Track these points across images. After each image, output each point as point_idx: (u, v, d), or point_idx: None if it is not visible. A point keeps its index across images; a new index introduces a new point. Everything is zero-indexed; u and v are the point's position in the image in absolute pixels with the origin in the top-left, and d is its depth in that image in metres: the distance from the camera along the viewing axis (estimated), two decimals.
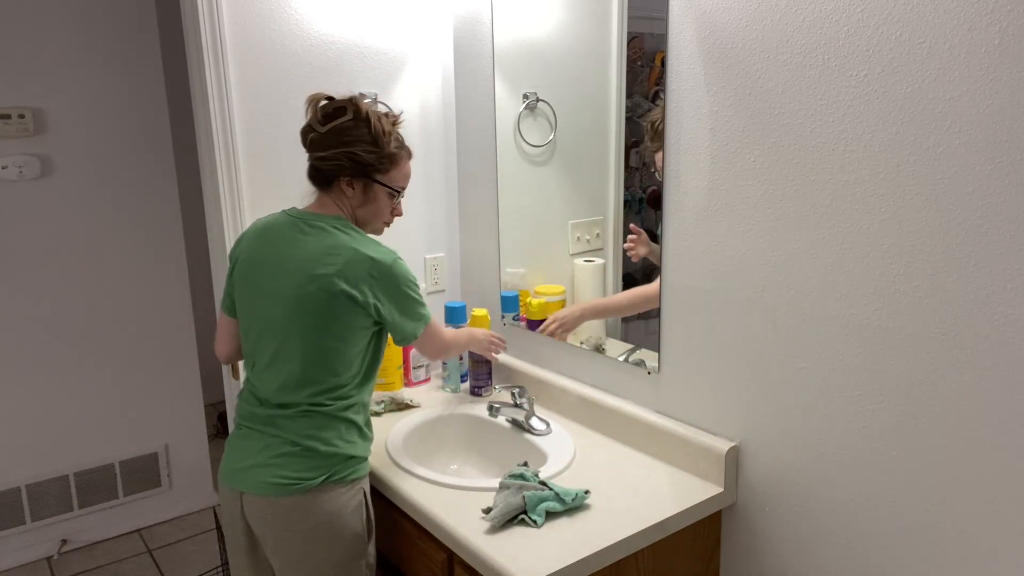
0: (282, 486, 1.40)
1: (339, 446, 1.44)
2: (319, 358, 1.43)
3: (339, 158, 1.45)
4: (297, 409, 1.44)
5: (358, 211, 1.51)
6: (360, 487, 1.48)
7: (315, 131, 1.45)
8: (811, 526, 1.37)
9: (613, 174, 1.66)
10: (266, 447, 1.44)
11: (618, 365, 1.72)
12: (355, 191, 1.49)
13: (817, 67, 1.23)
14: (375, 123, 1.46)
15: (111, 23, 2.65)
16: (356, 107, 1.46)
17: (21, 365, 2.67)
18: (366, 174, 1.48)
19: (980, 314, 1.09)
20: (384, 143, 1.47)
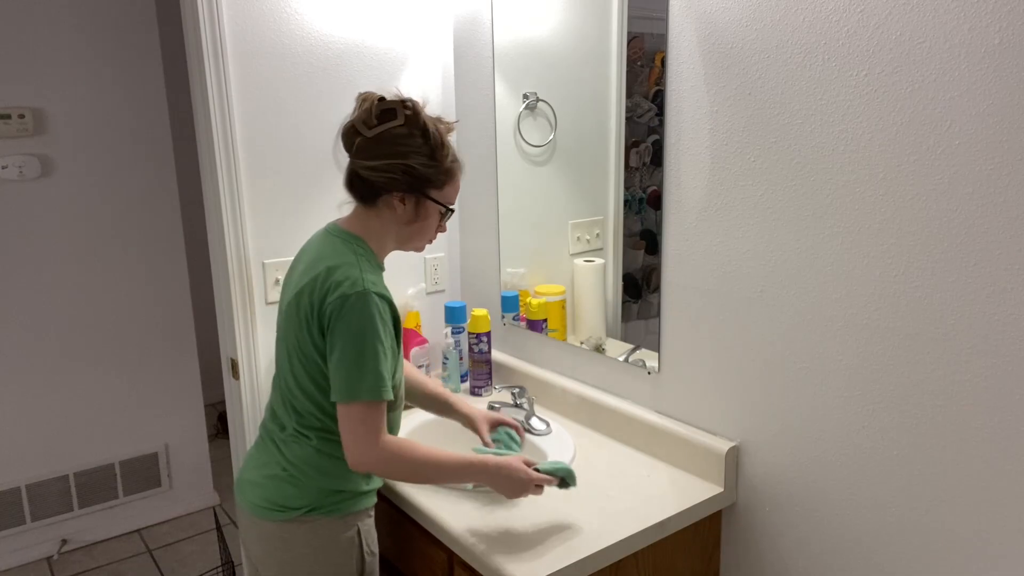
0: (266, 509, 1.34)
1: (322, 482, 1.33)
2: (297, 382, 1.33)
3: (393, 170, 1.29)
4: (290, 432, 1.36)
5: (404, 228, 1.36)
6: (354, 524, 1.37)
7: (362, 135, 1.29)
8: (811, 526, 1.37)
9: (613, 174, 1.66)
10: (263, 464, 1.38)
11: (618, 365, 1.72)
12: (406, 207, 1.33)
13: (817, 67, 1.23)
14: (433, 132, 1.30)
15: (111, 23, 2.65)
16: (412, 111, 1.30)
17: (21, 365, 2.67)
18: (421, 190, 1.32)
19: (980, 314, 1.09)
20: (442, 156, 1.32)
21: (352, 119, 1.31)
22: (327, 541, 1.34)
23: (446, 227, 1.44)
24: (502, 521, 1.37)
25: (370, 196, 1.34)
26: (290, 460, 1.34)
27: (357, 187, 1.35)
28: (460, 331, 2.00)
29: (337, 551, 1.35)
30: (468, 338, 1.99)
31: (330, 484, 1.34)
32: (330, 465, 1.34)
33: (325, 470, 1.34)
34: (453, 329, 1.99)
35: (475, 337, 1.98)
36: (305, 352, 1.31)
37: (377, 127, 1.28)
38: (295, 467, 1.34)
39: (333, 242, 1.34)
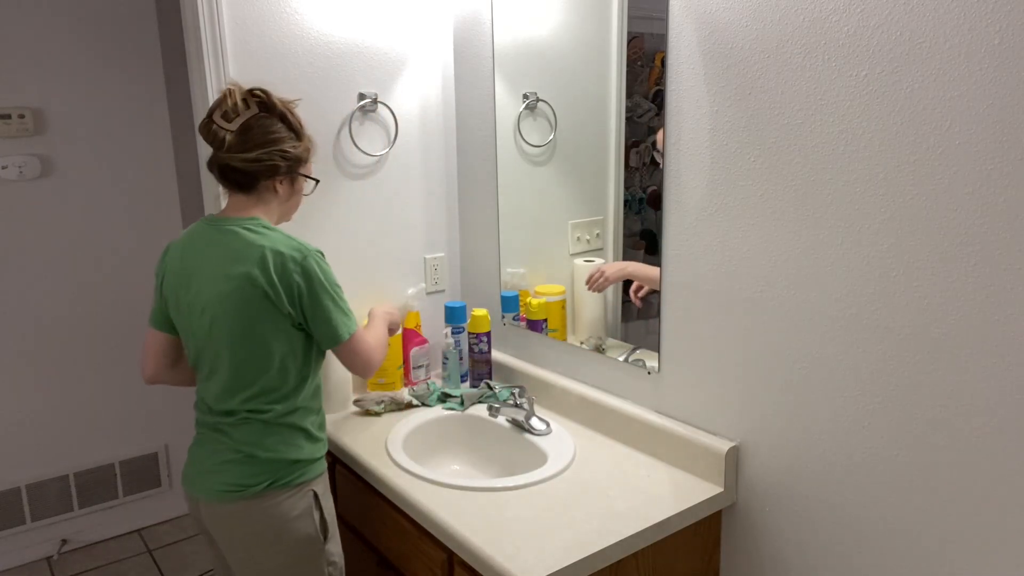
0: (226, 492, 1.41)
1: (280, 451, 1.43)
2: (246, 364, 1.40)
3: (271, 158, 1.40)
4: (237, 416, 1.43)
5: (283, 205, 1.49)
6: (308, 489, 1.46)
7: (227, 131, 1.37)
8: (811, 526, 1.37)
9: (613, 174, 1.66)
10: (213, 452, 1.44)
11: (618, 365, 1.72)
12: (283, 187, 1.46)
13: (817, 67, 1.23)
14: (290, 115, 1.43)
15: (111, 23, 2.65)
16: (266, 99, 1.40)
17: (21, 365, 2.67)
18: (294, 170, 1.46)
19: (980, 314, 1.09)
20: (303, 134, 1.45)
21: (208, 114, 1.39)
22: (287, 510, 1.43)
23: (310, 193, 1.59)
24: (502, 521, 1.37)
25: (248, 184, 1.43)
26: (242, 441, 1.42)
27: (232, 178, 1.43)
28: (460, 331, 2.00)
29: (298, 520, 1.44)
30: (468, 338, 1.99)
31: (287, 453, 1.43)
32: (287, 434, 1.44)
33: (283, 441, 1.43)
34: (453, 329, 1.99)
35: (475, 337, 1.98)
36: (257, 338, 1.39)
37: (236, 119, 1.37)
38: (249, 446, 1.42)
39: (244, 231, 1.41)
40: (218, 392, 1.44)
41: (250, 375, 1.41)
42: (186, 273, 1.44)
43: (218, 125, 1.38)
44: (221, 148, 1.39)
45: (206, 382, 1.46)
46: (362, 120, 1.95)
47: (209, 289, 1.40)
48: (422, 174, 2.08)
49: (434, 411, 1.86)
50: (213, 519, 1.44)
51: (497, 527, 1.35)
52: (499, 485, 1.48)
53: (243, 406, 1.42)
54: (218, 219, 1.45)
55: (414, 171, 2.06)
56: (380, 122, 1.98)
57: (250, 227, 1.41)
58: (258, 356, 1.40)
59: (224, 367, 1.42)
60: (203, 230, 1.45)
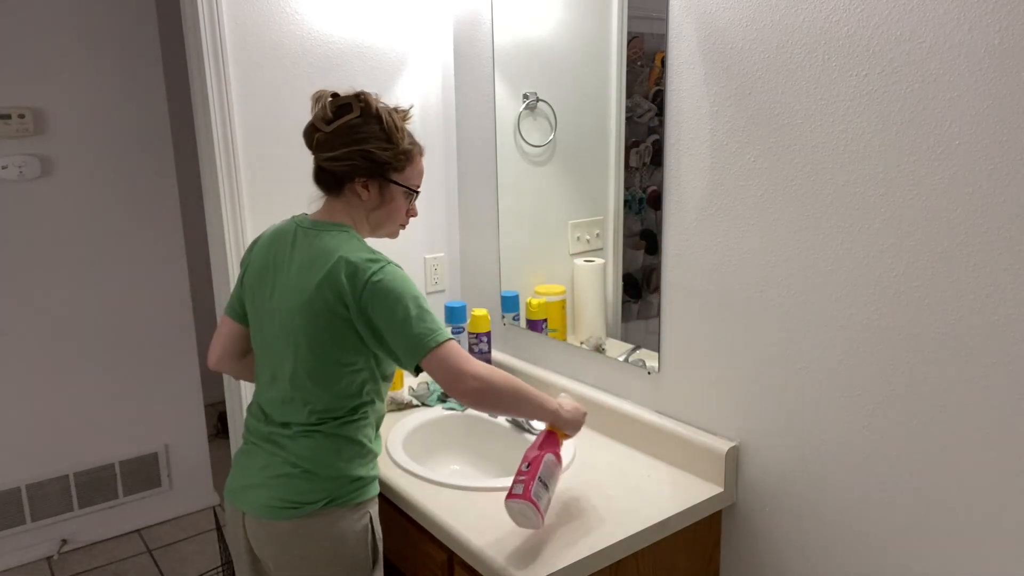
0: (280, 509, 1.33)
1: (342, 468, 1.36)
2: (314, 377, 1.34)
3: (352, 157, 1.35)
4: (298, 428, 1.36)
5: (372, 214, 1.42)
6: (366, 511, 1.39)
7: (320, 130, 1.35)
8: (811, 526, 1.37)
9: (613, 174, 1.67)
10: (267, 466, 1.37)
11: (618, 365, 1.72)
12: (371, 193, 1.39)
13: (817, 67, 1.23)
14: (387, 118, 1.36)
15: (111, 23, 2.65)
16: (365, 102, 1.36)
17: (21, 365, 2.67)
18: (382, 173, 1.38)
19: (980, 314, 1.09)
20: (398, 139, 1.38)
21: (311, 119, 1.37)
22: (344, 530, 1.35)
23: (416, 210, 1.48)
24: (502, 521, 1.37)
25: (335, 186, 1.39)
26: (301, 455, 1.35)
27: (322, 179, 1.40)
28: (460, 331, 2.00)
29: (354, 540, 1.37)
30: (468, 338, 1.99)
31: (349, 470, 1.36)
32: (350, 449, 1.37)
33: (344, 455, 1.36)
34: (453, 329, 1.99)
35: (475, 337, 1.98)
36: (325, 349, 1.33)
37: (334, 122, 1.34)
38: (308, 461, 1.35)
39: (328, 235, 1.36)
40: (278, 401, 1.39)
41: (315, 388, 1.35)
42: (267, 271, 1.40)
43: (316, 126, 1.36)
44: (313, 148, 1.38)
45: (266, 388, 1.41)
46: None
47: (285, 293, 1.36)
48: None
49: (434, 411, 1.86)
50: (261, 536, 1.36)
51: (497, 527, 1.35)
52: (499, 485, 1.48)
53: (303, 419, 1.36)
54: (308, 221, 1.40)
55: None
56: None
57: (333, 232, 1.36)
58: (326, 369, 1.34)
59: (287, 376, 1.36)
60: (290, 229, 1.41)
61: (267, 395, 1.42)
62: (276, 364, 1.39)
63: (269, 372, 1.41)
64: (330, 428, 1.36)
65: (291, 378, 1.36)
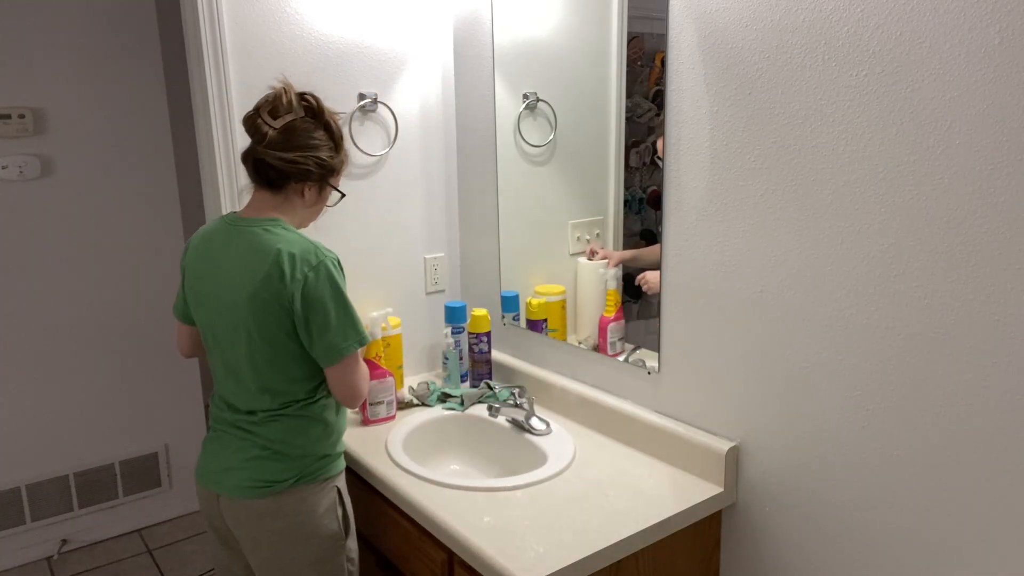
0: (255, 488, 1.41)
1: (309, 448, 1.44)
2: (268, 367, 1.41)
3: (307, 162, 1.40)
4: (264, 415, 1.43)
5: (307, 211, 1.48)
6: (333, 485, 1.49)
7: (270, 127, 1.38)
8: (811, 526, 1.37)
9: (613, 174, 1.66)
10: (238, 450, 1.44)
11: (618, 365, 1.72)
12: (310, 194, 1.45)
13: (817, 67, 1.23)
14: (335, 126, 1.44)
15: (111, 23, 2.65)
16: (316, 106, 1.41)
17: (21, 365, 2.67)
18: (325, 179, 1.46)
19: (980, 314, 1.09)
20: (342, 147, 1.46)
21: (256, 108, 1.39)
22: (314, 505, 1.44)
23: None
24: (502, 521, 1.37)
25: (280, 184, 1.42)
26: (270, 438, 1.43)
27: (267, 174, 1.41)
28: (460, 331, 2.00)
29: (323, 512, 1.46)
30: (468, 338, 1.99)
31: (315, 449, 1.45)
32: (315, 429, 1.46)
33: (312, 436, 1.45)
34: (453, 329, 1.99)
35: (475, 337, 1.98)
36: (275, 336, 1.38)
37: (282, 118, 1.38)
38: (278, 443, 1.43)
39: (263, 231, 1.40)
40: (240, 392, 1.44)
41: (273, 377, 1.41)
42: (206, 272, 1.44)
43: (263, 120, 1.38)
44: (261, 142, 1.38)
45: (225, 380, 1.46)
46: (362, 120, 1.95)
47: (228, 290, 1.39)
48: (422, 174, 2.08)
49: (434, 411, 1.86)
50: (238, 516, 1.44)
51: (497, 527, 1.35)
52: (499, 485, 1.48)
53: (267, 405, 1.43)
54: (238, 218, 1.44)
55: (414, 171, 2.06)
56: (380, 122, 1.98)
57: (268, 227, 1.40)
58: (280, 358, 1.40)
59: (245, 367, 1.42)
60: (223, 228, 1.44)
61: (228, 387, 1.47)
62: (231, 358, 1.44)
63: (224, 366, 1.46)
64: (294, 411, 1.44)
65: (249, 369, 1.41)
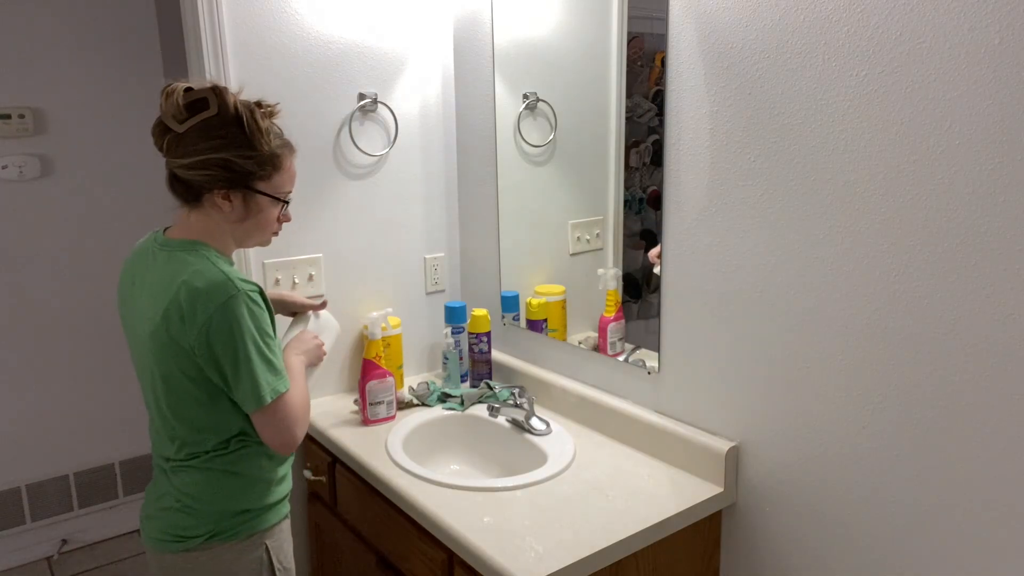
0: (164, 542, 1.27)
1: (222, 503, 1.27)
2: (171, 413, 1.24)
3: (208, 166, 1.19)
4: (174, 463, 1.28)
5: (237, 226, 1.27)
6: (260, 541, 1.31)
7: (172, 130, 1.18)
8: (811, 526, 1.37)
9: (613, 174, 1.66)
10: (160, 497, 1.30)
11: (618, 365, 1.72)
12: (233, 204, 1.24)
13: (817, 67, 1.23)
14: (248, 120, 1.19)
15: (111, 23, 2.65)
16: (221, 99, 1.18)
17: (21, 365, 2.67)
18: (245, 183, 1.23)
19: (980, 314, 1.09)
20: (263, 143, 1.22)
21: (160, 114, 1.20)
22: (231, 565, 1.28)
23: (289, 216, 1.35)
24: (502, 521, 1.37)
25: (192, 197, 1.24)
26: (181, 490, 1.27)
27: (177, 189, 1.25)
28: (460, 331, 2.00)
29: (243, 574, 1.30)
30: (468, 338, 1.99)
31: (231, 505, 1.28)
32: (228, 483, 1.28)
33: (224, 490, 1.28)
34: (453, 329, 1.99)
35: (475, 337, 1.98)
36: (188, 374, 1.21)
37: (188, 120, 1.17)
38: (188, 495, 1.27)
39: (176, 257, 1.23)
40: (153, 435, 1.32)
41: (177, 424, 1.25)
42: (127, 296, 1.30)
43: (165, 124, 1.19)
44: (164, 151, 1.21)
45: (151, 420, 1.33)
46: (362, 120, 1.95)
47: (139, 320, 1.25)
48: (422, 174, 2.08)
49: (434, 411, 1.86)
50: (153, 567, 1.31)
51: (497, 527, 1.35)
52: (499, 485, 1.48)
53: (174, 453, 1.27)
54: (163, 238, 1.28)
55: (414, 171, 2.06)
56: (380, 122, 1.98)
57: (185, 252, 1.23)
58: (183, 405, 1.23)
59: (154, 410, 1.28)
60: (148, 248, 1.29)
61: (152, 423, 1.34)
62: (147, 397, 1.30)
63: (146, 404, 1.32)
64: (201, 463, 1.27)
65: (156, 412, 1.28)
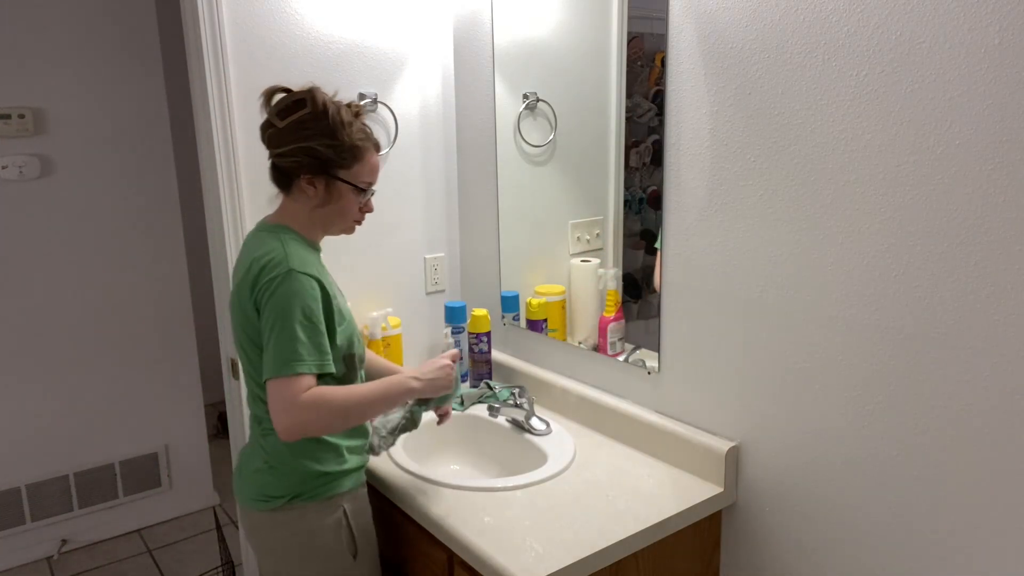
0: (254, 501, 1.40)
1: (303, 465, 1.38)
2: (255, 379, 1.38)
3: (296, 154, 1.35)
4: (266, 426, 1.40)
5: (320, 211, 1.41)
6: (338, 503, 1.41)
7: (273, 126, 1.37)
8: (811, 526, 1.37)
9: (613, 174, 1.66)
10: (250, 458, 1.44)
11: (618, 365, 1.72)
12: (317, 190, 1.38)
13: (817, 67, 1.23)
14: (333, 114, 1.35)
15: (111, 23, 2.65)
16: (314, 98, 1.35)
17: (21, 365, 2.67)
18: (326, 170, 1.37)
19: (980, 314, 1.09)
20: (344, 135, 1.36)
21: (267, 114, 1.38)
22: (313, 525, 1.39)
23: (371, 206, 1.47)
24: (502, 521, 1.37)
25: (284, 183, 1.41)
26: (268, 451, 1.40)
27: (273, 177, 1.42)
28: (460, 331, 2.00)
29: (324, 534, 1.40)
30: (468, 338, 1.99)
31: (311, 466, 1.39)
32: (305, 446, 1.39)
33: (302, 452, 1.39)
34: (453, 329, 1.99)
35: (475, 337, 1.98)
36: (252, 349, 1.36)
37: (288, 117, 1.35)
38: (273, 457, 1.39)
39: (260, 237, 1.40)
40: (249, 398, 1.44)
41: (259, 389, 1.39)
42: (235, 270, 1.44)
43: (269, 122, 1.37)
44: (266, 144, 1.39)
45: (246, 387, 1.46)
46: None
47: (233, 294, 1.40)
48: (422, 174, 2.08)
49: None
50: (245, 524, 1.46)
51: (497, 527, 1.35)
52: (499, 485, 1.48)
53: (262, 414, 1.39)
54: (262, 221, 1.45)
55: (414, 171, 2.06)
56: (380, 122, 1.98)
57: (268, 233, 1.39)
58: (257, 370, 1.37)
59: (247, 376, 1.41)
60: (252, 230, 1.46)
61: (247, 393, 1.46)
62: (241, 363, 1.43)
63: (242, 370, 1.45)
64: None
65: (248, 376, 1.41)
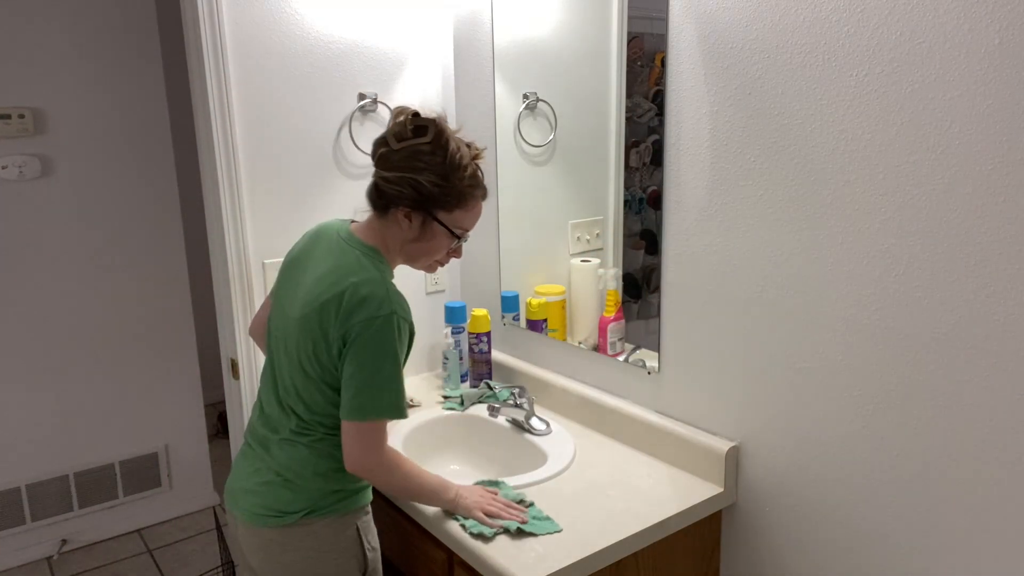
0: (264, 516, 1.34)
1: (320, 480, 1.34)
2: (300, 391, 1.33)
3: (402, 184, 1.29)
4: (284, 436, 1.36)
5: (410, 245, 1.36)
6: (352, 521, 1.38)
7: (388, 146, 1.30)
8: (811, 526, 1.37)
9: (613, 174, 1.67)
10: (256, 471, 1.38)
11: (618, 365, 1.72)
12: (412, 224, 1.32)
13: (817, 67, 1.23)
14: (452, 152, 1.29)
15: (111, 23, 2.65)
16: (437, 129, 1.29)
17: (21, 365, 2.67)
18: (426, 207, 1.31)
19: (980, 314, 1.09)
20: (456, 178, 1.30)
21: (386, 131, 1.32)
22: (327, 542, 1.35)
23: (461, 252, 1.42)
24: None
25: (381, 206, 1.34)
26: (283, 464, 1.35)
27: (372, 196, 1.36)
28: (460, 331, 2.00)
29: (337, 551, 1.36)
30: (468, 338, 1.99)
31: (327, 484, 1.35)
32: (327, 464, 1.35)
33: (322, 470, 1.34)
34: (453, 329, 1.99)
35: (475, 337, 1.98)
36: (320, 361, 1.30)
37: (406, 141, 1.29)
38: (290, 470, 1.34)
39: (354, 255, 1.32)
40: (274, 402, 1.38)
41: (299, 402, 1.34)
42: (297, 267, 1.39)
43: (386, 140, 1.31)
44: (375, 161, 1.33)
45: (268, 384, 1.41)
46: (362, 120, 1.95)
47: (297, 298, 1.34)
48: None
49: (434, 411, 1.86)
50: (250, 542, 1.37)
51: None
52: None
53: (290, 427, 1.35)
54: (349, 230, 1.38)
55: None
56: (380, 122, 1.98)
57: (360, 253, 1.32)
58: (310, 387, 1.33)
59: (283, 381, 1.36)
60: (333, 232, 1.39)
61: (268, 393, 1.41)
62: (277, 365, 1.39)
63: (272, 370, 1.41)
64: (310, 441, 1.35)
65: (284, 385, 1.36)
